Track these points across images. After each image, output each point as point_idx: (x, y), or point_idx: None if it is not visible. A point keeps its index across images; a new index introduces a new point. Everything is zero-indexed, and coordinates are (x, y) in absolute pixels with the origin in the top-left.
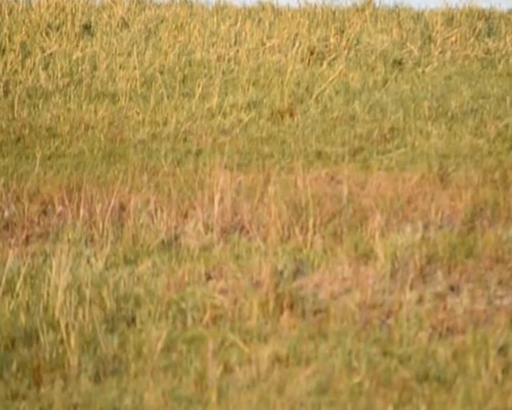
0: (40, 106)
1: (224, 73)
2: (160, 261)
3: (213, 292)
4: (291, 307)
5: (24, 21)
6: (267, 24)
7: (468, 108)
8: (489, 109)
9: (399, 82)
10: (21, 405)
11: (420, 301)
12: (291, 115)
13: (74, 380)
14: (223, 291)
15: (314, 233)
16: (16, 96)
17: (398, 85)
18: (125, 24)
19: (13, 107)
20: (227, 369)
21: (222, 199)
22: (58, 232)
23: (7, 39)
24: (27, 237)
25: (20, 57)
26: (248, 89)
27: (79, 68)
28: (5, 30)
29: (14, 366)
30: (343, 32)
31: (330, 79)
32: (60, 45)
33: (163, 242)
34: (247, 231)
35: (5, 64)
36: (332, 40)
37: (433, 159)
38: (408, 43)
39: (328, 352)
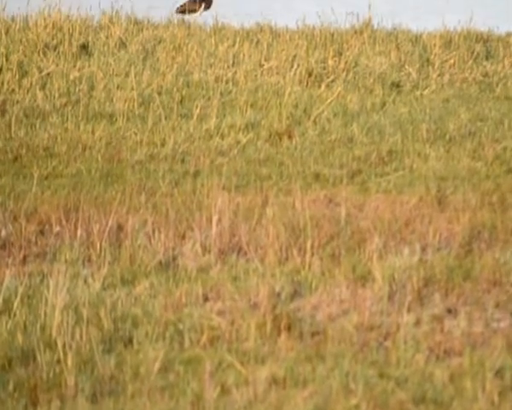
0: (37, 126)
1: (222, 94)
2: (158, 282)
3: (211, 313)
4: (288, 328)
5: (21, 41)
6: (265, 45)
7: (466, 131)
8: (487, 132)
9: (397, 104)
10: None
11: (417, 323)
12: (289, 137)
13: (71, 400)
14: (220, 313)
15: (312, 255)
16: (13, 115)
17: (396, 108)
18: (122, 44)
19: (10, 126)
20: (224, 390)
21: (220, 220)
22: (55, 252)
23: (4, 59)
24: (24, 257)
25: (17, 77)
26: (246, 110)
27: (77, 88)
28: (2, 49)
29: (10, 386)
30: (341, 54)
31: (328, 101)
32: (57, 65)
33: (160, 263)
34: (245, 253)
35: (2, 83)
36: (330, 62)
37: (431, 181)
38: (406, 66)
39: (326, 374)
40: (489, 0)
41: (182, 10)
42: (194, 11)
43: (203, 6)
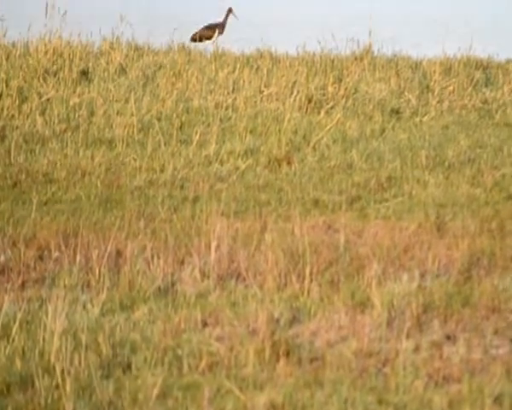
0: (37, 151)
1: (221, 120)
2: (157, 308)
3: (209, 339)
4: (287, 354)
5: (21, 67)
6: (265, 72)
7: (465, 158)
8: (486, 159)
9: (397, 131)
10: None
11: (416, 349)
12: (288, 163)
13: None
14: (219, 338)
15: (311, 281)
16: (13, 141)
17: (395, 134)
18: (122, 70)
19: (9, 152)
20: None
21: (218, 246)
22: (54, 278)
23: (4, 84)
24: (23, 283)
25: (17, 102)
26: (246, 136)
27: (76, 114)
28: (2, 75)
29: None
30: (341, 80)
31: (328, 127)
32: (57, 91)
33: (159, 288)
34: (244, 279)
35: (2, 109)
36: (330, 89)
37: (430, 208)
38: (406, 93)
39: (324, 400)
40: (489, 28)
41: (196, 38)
42: (209, 38)
43: (217, 32)
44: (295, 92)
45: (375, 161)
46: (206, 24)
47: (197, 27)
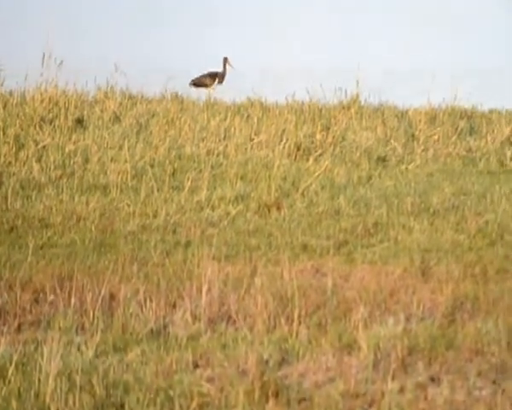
0: (33, 197)
1: (212, 166)
2: (149, 350)
3: (200, 380)
4: (276, 395)
5: (18, 115)
6: (255, 120)
7: (449, 205)
8: (470, 206)
9: (383, 178)
10: None
11: (401, 391)
12: (278, 209)
13: None
14: (210, 379)
15: (299, 324)
16: (10, 187)
17: (381, 181)
18: (116, 118)
19: (6, 198)
20: None
21: (209, 290)
22: (50, 320)
23: (1, 132)
24: (19, 325)
25: (14, 150)
26: (236, 183)
27: (72, 161)
28: (0, 123)
29: None
30: (329, 128)
31: (316, 174)
32: (53, 138)
33: (152, 331)
34: (234, 321)
35: None
36: (318, 136)
37: (415, 253)
38: (392, 141)
39: None
40: (473, 78)
41: (196, 83)
42: (209, 85)
43: (217, 80)
44: (284, 140)
45: (362, 207)
46: (206, 71)
47: (189, 75)
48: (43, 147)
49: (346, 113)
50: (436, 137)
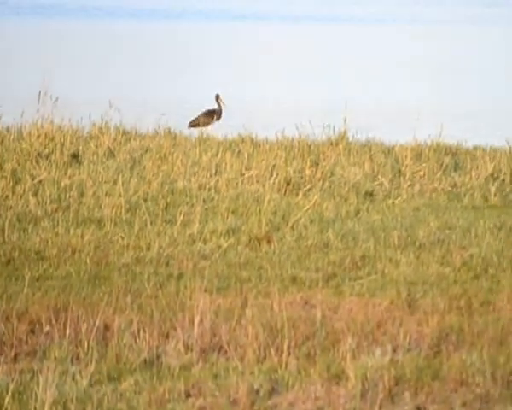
0: (29, 230)
1: (204, 201)
2: (142, 379)
3: (192, 409)
4: None
5: (15, 150)
6: (246, 155)
7: (435, 239)
8: (455, 240)
9: (371, 212)
10: None
11: None
12: (268, 242)
13: None
14: (201, 408)
15: (289, 354)
16: (7, 220)
17: (369, 216)
18: (111, 153)
19: (3, 231)
20: None
21: (201, 321)
22: (45, 350)
23: None
24: (16, 355)
25: (11, 184)
26: (228, 216)
27: (67, 195)
28: None
29: None
30: (318, 164)
31: (305, 208)
32: (49, 173)
33: (145, 361)
34: (226, 352)
35: None
36: (307, 172)
37: (401, 286)
38: (379, 176)
39: None
40: (458, 116)
41: (195, 124)
42: (207, 124)
43: (215, 118)
44: (274, 175)
45: (350, 240)
46: (204, 110)
47: (182, 112)
48: (40, 181)
49: (334, 149)
50: (422, 172)
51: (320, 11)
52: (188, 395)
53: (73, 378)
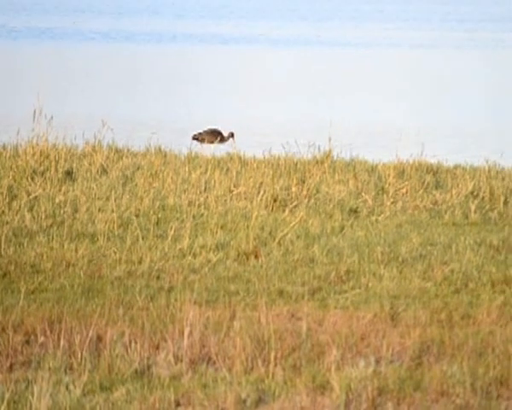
0: (25, 244)
1: (194, 217)
2: (134, 389)
3: None
4: None
5: (11, 167)
6: (234, 173)
7: (417, 254)
8: (436, 255)
9: (355, 229)
10: None
11: None
12: (256, 257)
13: None
14: None
15: (275, 365)
16: (3, 235)
17: (353, 232)
18: (104, 171)
19: (0, 245)
20: None
21: (191, 332)
22: (40, 361)
23: None
24: (11, 365)
25: (7, 200)
26: (217, 232)
27: (62, 211)
28: None
29: None
30: (304, 182)
31: (292, 224)
32: (44, 189)
33: (136, 371)
34: (214, 362)
35: None
36: (294, 189)
37: (384, 299)
38: (363, 194)
39: None
40: (439, 136)
41: (198, 138)
42: (210, 142)
43: (218, 139)
44: (262, 192)
45: (334, 255)
46: (211, 128)
47: (172, 131)
48: (35, 197)
49: (319, 167)
50: (404, 190)
51: (308, 35)
52: (177, 405)
53: (67, 388)
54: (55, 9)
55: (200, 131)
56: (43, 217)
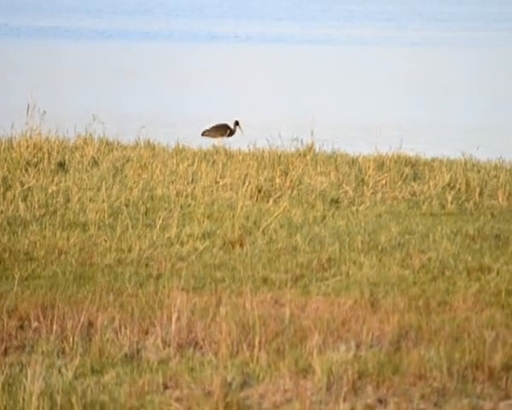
0: (19, 233)
1: (182, 207)
2: (123, 372)
3: (170, 400)
4: None
5: (5, 159)
6: (220, 165)
7: (395, 243)
8: (414, 244)
9: (336, 218)
10: None
11: None
12: (241, 245)
13: None
14: (178, 400)
15: (260, 350)
16: None
17: (334, 221)
18: (95, 162)
19: None
20: None
21: (178, 318)
22: (33, 345)
23: None
24: (6, 349)
25: (2, 190)
26: (203, 221)
27: (54, 200)
28: None
29: None
30: (287, 173)
31: (275, 214)
32: (37, 180)
33: (126, 355)
34: (201, 347)
35: None
36: (277, 180)
37: (364, 286)
38: (344, 185)
39: None
40: (417, 129)
41: (206, 134)
42: (218, 137)
43: (228, 132)
44: (247, 183)
45: (316, 244)
46: (219, 123)
47: (161, 125)
48: (29, 188)
49: (302, 159)
50: (384, 181)
51: (296, 33)
52: (165, 387)
53: (59, 371)
54: (47, 8)
55: (208, 127)
56: (37, 207)
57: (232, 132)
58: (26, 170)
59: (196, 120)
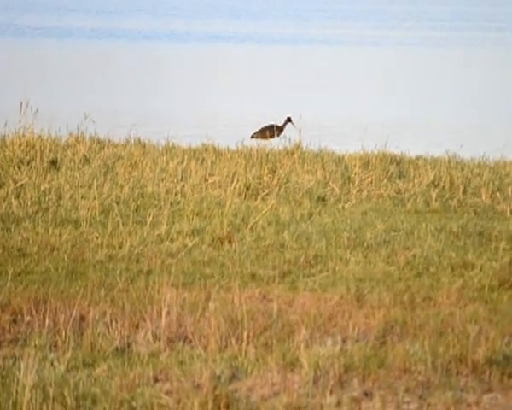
0: (12, 229)
1: (171, 204)
2: (115, 365)
3: (160, 393)
4: (227, 407)
5: None
6: (209, 163)
7: (381, 240)
8: (399, 241)
9: (323, 216)
10: None
11: (338, 404)
12: (229, 242)
13: None
14: (168, 392)
15: (248, 344)
16: None
17: (321, 218)
18: (86, 160)
19: None
20: None
21: (168, 313)
22: (26, 339)
23: None
24: None
25: None
26: (193, 218)
27: (46, 198)
28: None
29: None
30: (275, 171)
31: (263, 211)
32: (30, 178)
33: (117, 348)
34: (190, 341)
35: None
36: (265, 178)
37: (350, 282)
38: (330, 183)
39: None
40: (401, 128)
41: (256, 136)
42: (267, 138)
43: (276, 133)
44: (235, 181)
45: (303, 241)
46: (265, 125)
47: (152, 124)
48: (21, 185)
49: (289, 158)
50: (369, 179)
51: (288, 34)
52: (156, 380)
53: (52, 364)
54: (40, 7)
55: (257, 130)
56: (29, 204)
57: (281, 130)
58: (19, 168)
59: (183, 118)
